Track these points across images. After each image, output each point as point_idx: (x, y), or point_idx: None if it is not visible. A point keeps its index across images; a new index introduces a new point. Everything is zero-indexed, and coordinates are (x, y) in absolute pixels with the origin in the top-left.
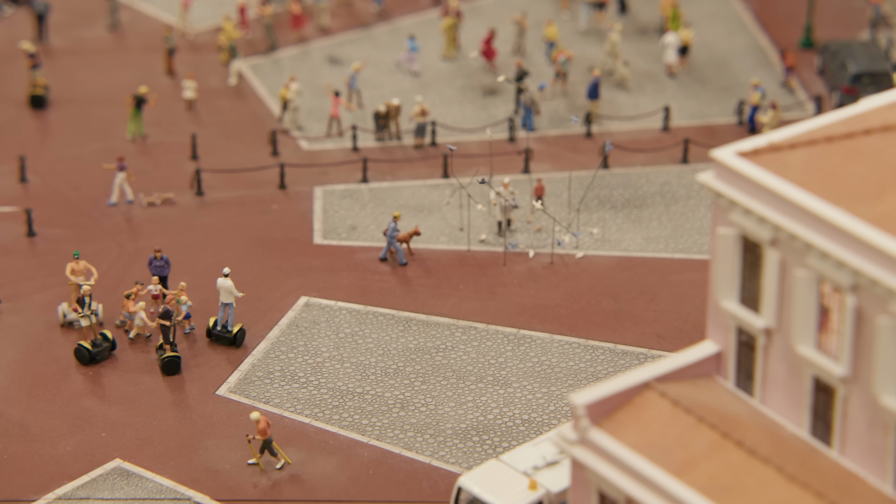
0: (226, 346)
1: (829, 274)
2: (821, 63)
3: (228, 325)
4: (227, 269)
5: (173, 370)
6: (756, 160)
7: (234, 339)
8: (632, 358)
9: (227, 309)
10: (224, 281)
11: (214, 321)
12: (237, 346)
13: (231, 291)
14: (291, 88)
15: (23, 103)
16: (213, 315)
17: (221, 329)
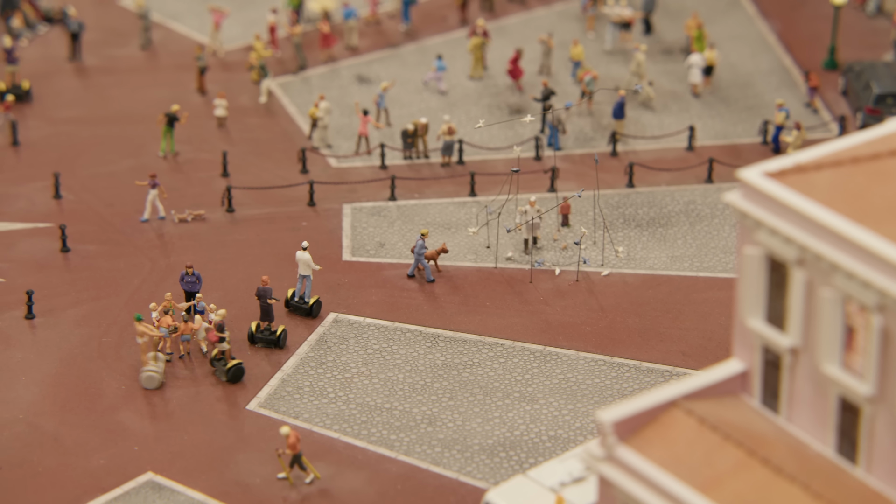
0: (303, 316)
1: (855, 294)
2: (844, 84)
3: (305, 296)
4: (305, 242)
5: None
6: (782, 180)
7: (311, 310)
8: (657, 375)
9: (305, 281)
10: (303, 254)
11: (291, 293)
12: (313, 317)
13: (308, 264)
14: (321, 107)
15: (58, 121)
16: (246, 330)
17: (299, 300)
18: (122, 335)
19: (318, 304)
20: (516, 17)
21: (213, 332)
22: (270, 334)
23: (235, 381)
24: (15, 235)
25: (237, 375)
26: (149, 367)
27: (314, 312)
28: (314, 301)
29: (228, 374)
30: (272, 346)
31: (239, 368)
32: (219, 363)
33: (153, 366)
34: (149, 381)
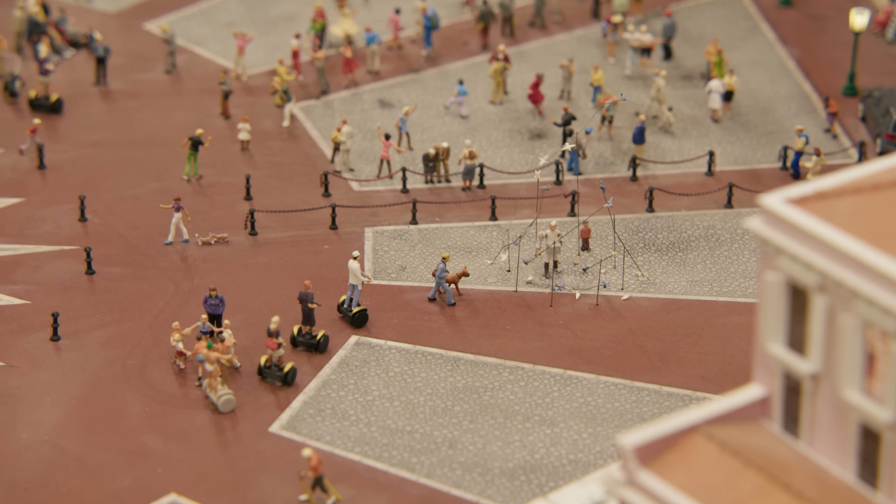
0: (347, 323)
1: (876, 320)
2: (863, 110)
3: (353, 304)
4: (356, 252)
5: (362, 323)
6: (803, 207)
7: (353, 318)
8: (677, 400)
9: (353, 290)
10: (352, 263)
11: (342, 300)
12: (357, 327)
13: (356, 273)
14: (343, 131)
15: (84, 144)
16: (262, 352)
17: (346, 307)
18: (146, 357)
19: (362, 316)
20: (537, 43)
21: (271, 339)
22: (311, 338)
23: (291, 384)
24: (41, 258)
25: (292, 378)
26: (223, 392)
27: (356, 322)
28: (358, 310)
29: (286, 378)
30: (313, 350)
31: (293, 371)
32: (270, 369)
33: (225, 389)
34: (227, 405)
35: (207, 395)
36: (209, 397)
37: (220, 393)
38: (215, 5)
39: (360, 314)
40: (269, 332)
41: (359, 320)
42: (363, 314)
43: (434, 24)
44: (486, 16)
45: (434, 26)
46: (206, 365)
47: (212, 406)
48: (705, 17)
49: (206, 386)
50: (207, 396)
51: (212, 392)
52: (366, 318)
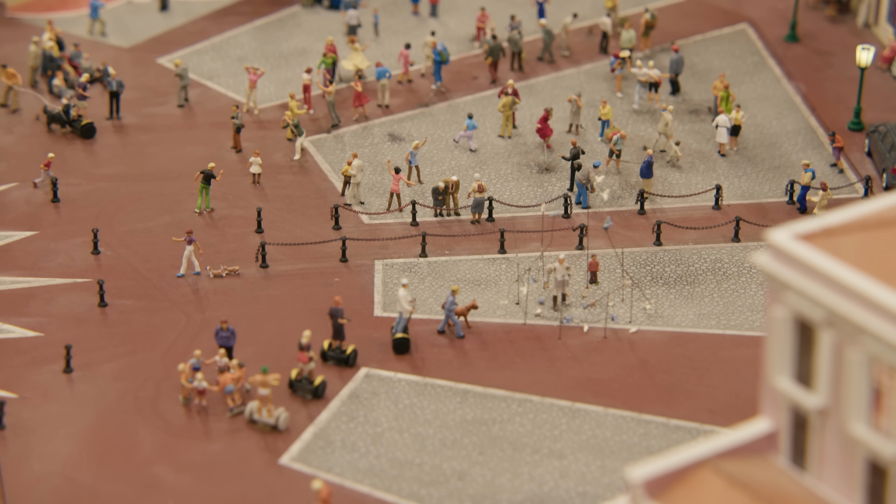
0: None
1: (883, 356)
2: (869, 144)
3: (395, 330)
4: (405, 280)
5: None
6: (810, 243)
7: (347, 359)
8: (685, 433)
9: (400, 317)
10: (400, 291)
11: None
12: (397, 353)
13: (402, 302)
14: (353, 164)
15: (97, 178)
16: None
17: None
18: (159, 389)
19: (355, 354)
20: (545, 77)
21: (302, 353)
22: (341, 353)
23: (321, 397)
24: (54, 290)
25: (322, 392)
26: (280, 412)
27: (351, 362)
28: (401, 337)
29: (316, 392)
30: (343, 364)
31: (324, 384)
32: (301, 383)
33: (280, 410)
34: (286, 422)
35: (255, 419)
36: (259, 421)
37: (276, 413)
38: (227, 40)
39: (400, 341)
40: (301, 345)
41: (398, 346)
42: (403, 342)
43: (444, 58)
44: (495, 51)
45: (444, 61)
46: (260, 389)
47: (267, 428)
48: (712, 52)
49: (252, 410)
50: (255, 421)
51: (267, 416)
52: (406, 346)
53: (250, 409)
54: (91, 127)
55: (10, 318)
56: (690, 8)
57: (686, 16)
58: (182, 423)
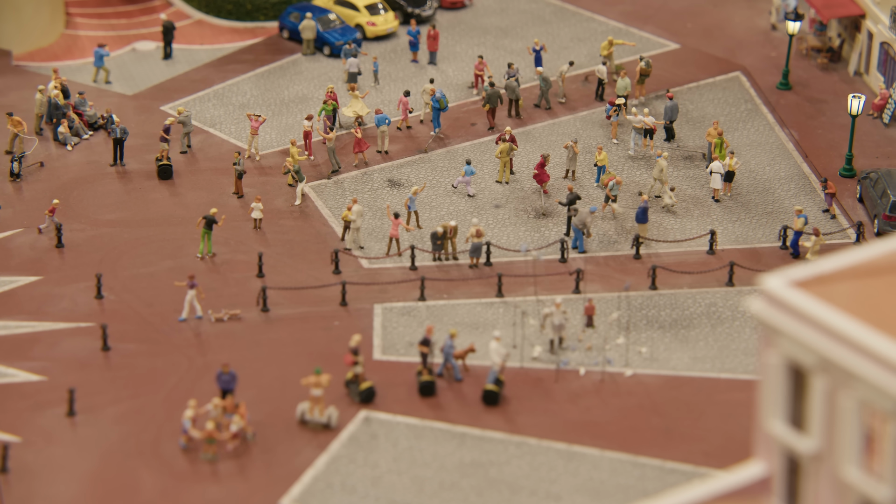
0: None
1: (875, 401)
2: (861, 191)
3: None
4: (497, 332)
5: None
6: (803, 290)
7: (485, 395)
8: (680, 475)
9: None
10: (492, 343)
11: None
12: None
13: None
14: (353, 210)
15: (101, 223)
16: (279, 427)
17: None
18: (160, 432)
19: (493, 395)
20: (542, 124)
21: (348, 355)
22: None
23: (368, 402)
24: (58, 335)
25: (369, 396)
26: (330, 411)
27: (488, 399)
28: (492, 388)
29: (362, 396)
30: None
31: (371, 391)
32: (352, 385)
33: (331, 409)
34: (337, 420)
35: (307, 420)
36: (310, 421)
37: (327, 412)
38: (229, 87)
39: (489, 393)
40: (350, 348)
41: (488, 398)
42: (492, 394)
43: (442, 105)
44: (492, 98)
45: (442, 108)
46: (313, 390)
47: (320, 427)
48: (706, 99)
49: (304, 411)
50: (306, 422)
51: (319, 415)
52: (496, 398)
53: (301, 411)
54: (168, 168)
55: (14, 363)
56: (684, 56)
57: (680, 64)
58: (183, 466)
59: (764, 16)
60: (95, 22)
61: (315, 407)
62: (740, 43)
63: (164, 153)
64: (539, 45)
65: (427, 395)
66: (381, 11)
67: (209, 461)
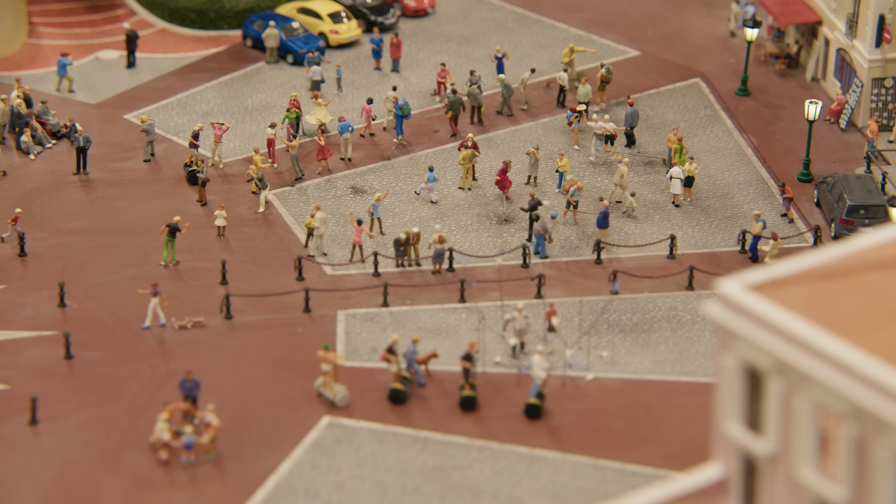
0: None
1: (829, 403)
2: (818, 195)
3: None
4: (541, 346)
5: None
6: (759, 294)
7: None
8: (640, 478)
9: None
10: (535, 357)
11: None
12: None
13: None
14: (316, 217)
15: (64, 232)
16: (242, 434)
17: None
18: (123, 440)
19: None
20: (504, 130)
21: (384, 353)
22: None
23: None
24: (20, 343)
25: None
26: (339, 389)
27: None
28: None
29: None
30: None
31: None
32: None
33: (340, 386)
34: (344, 401)
35: (321, 393)
36: (323, 395)
37: (336, 390)
38: (193, 96)
39: (531, 406)
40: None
41: (530, 412)
42: (534, 407)
43: (405, 113)
44: (455, 105)
45: (405, 115)
46: (323, 365)
47: (328, 403)
48: (666, 105)
49: (319, 385)
50: (321, 395)
51: (327, 390)
52: (538, 412)
53: (318, 384)
54: (195, 175)
55: None
56: (645, 63)
57: (641, 70)
58: (146, 473)
59: (723, 23)
60: (58, 31)
61: (328, 383)
62: (700, 50)
63: (193, 159)
64: (501, 53)
65: (468, 409)
66: (343, 20)
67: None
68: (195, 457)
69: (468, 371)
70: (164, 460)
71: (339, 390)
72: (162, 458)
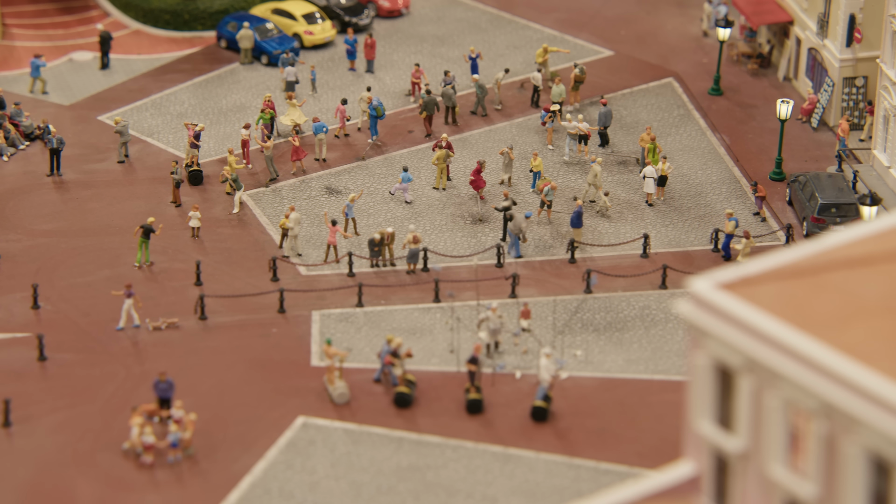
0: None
1: (799, 400)
2: (790, 194)
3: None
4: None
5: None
6: (730, 292)
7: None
8: (614, 476)
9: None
10: (542, 360)
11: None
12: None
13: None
14: (291, 217)
15: (38, 233)
16: (217, 434)
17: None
18: (97, 441)
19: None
20: (479, 130)
21: (389, 356)
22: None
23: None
24: None
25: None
26: (339, 386)
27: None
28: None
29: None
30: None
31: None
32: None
33: (341, 383)
34: (341, 398)
35: (326, 387)
36: (327, 390)
37: (336, 386)
38: (167, 97)
39: (537, 409)
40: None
41: (536, 414)
42: (540, 410)
43: (379, 113)
44: (429, 105)
45: (379, 116)
46: (325, 360)
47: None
48: (639, 105)
49: (326, 379)
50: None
51: (330, 385)
52: (544, 415)
53: (325, 378)
54: (199, 174)
55: None
56: (618, 63)
57: (614, 70)
58: (120, 474)
59: (695, 23)
60: (32, 32)
61: (331, 378)
62: (673, 49)
63: (193, 159)
64: (475, 53)
65: (474, 412)
66: (318, 21)
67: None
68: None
69: (474, 374)
70: (149, 464)
71: (338, 387)
72: (147, 462)
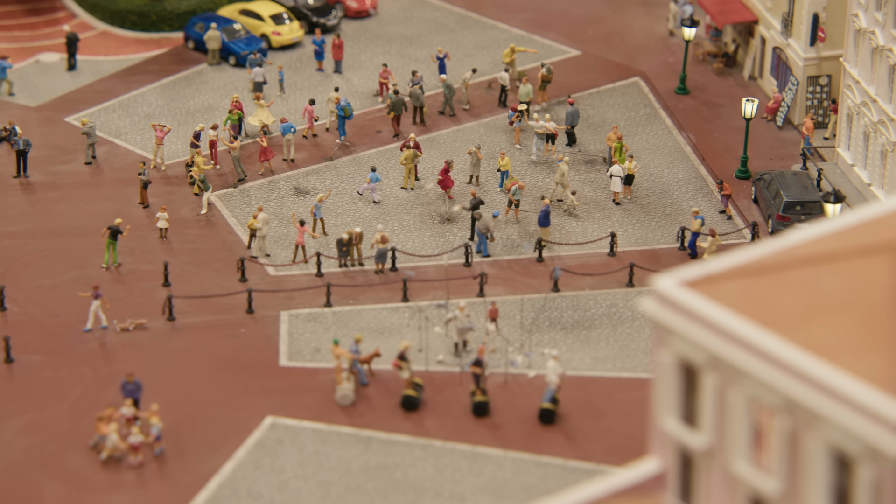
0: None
1: (762, 397)
2: (755, 192)
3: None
4: (555, 351)
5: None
6: (694, 289)
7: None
8: (581, 473)
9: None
10: (550, 362)
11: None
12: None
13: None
14: (259, 218)
15: (4, 235)
16: (185, 435)
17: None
18: (65, 443)
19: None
20: (447, 130)
21: (396, 360)
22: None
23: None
24: None
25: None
26: (344, 388)
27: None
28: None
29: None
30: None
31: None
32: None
33: (347, 385)
34: (343, 400)
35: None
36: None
37: (341, 387)
38: (135, 98)
39: (545, 411)
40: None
41: (544, 416)
42: (548, 412)
43: (347, 113)
44: (397, 105)
45: (347, 116)
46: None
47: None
48: (606, 104)
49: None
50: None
51: (337, 386)
52: (552, 417)
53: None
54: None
55: None
56: (585, 62)
57: (581, 70)
58: (88, 476)
59: (662, 22)
60: None
61: (339, 378)
62: (639, 49)
63: (193, 159)
64: (443, 53)
65: (480, 415)
66: (286, 21)
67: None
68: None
69: (478, 377)
70: (140, 463)
71: (341, 388)
72: (135, 463)
